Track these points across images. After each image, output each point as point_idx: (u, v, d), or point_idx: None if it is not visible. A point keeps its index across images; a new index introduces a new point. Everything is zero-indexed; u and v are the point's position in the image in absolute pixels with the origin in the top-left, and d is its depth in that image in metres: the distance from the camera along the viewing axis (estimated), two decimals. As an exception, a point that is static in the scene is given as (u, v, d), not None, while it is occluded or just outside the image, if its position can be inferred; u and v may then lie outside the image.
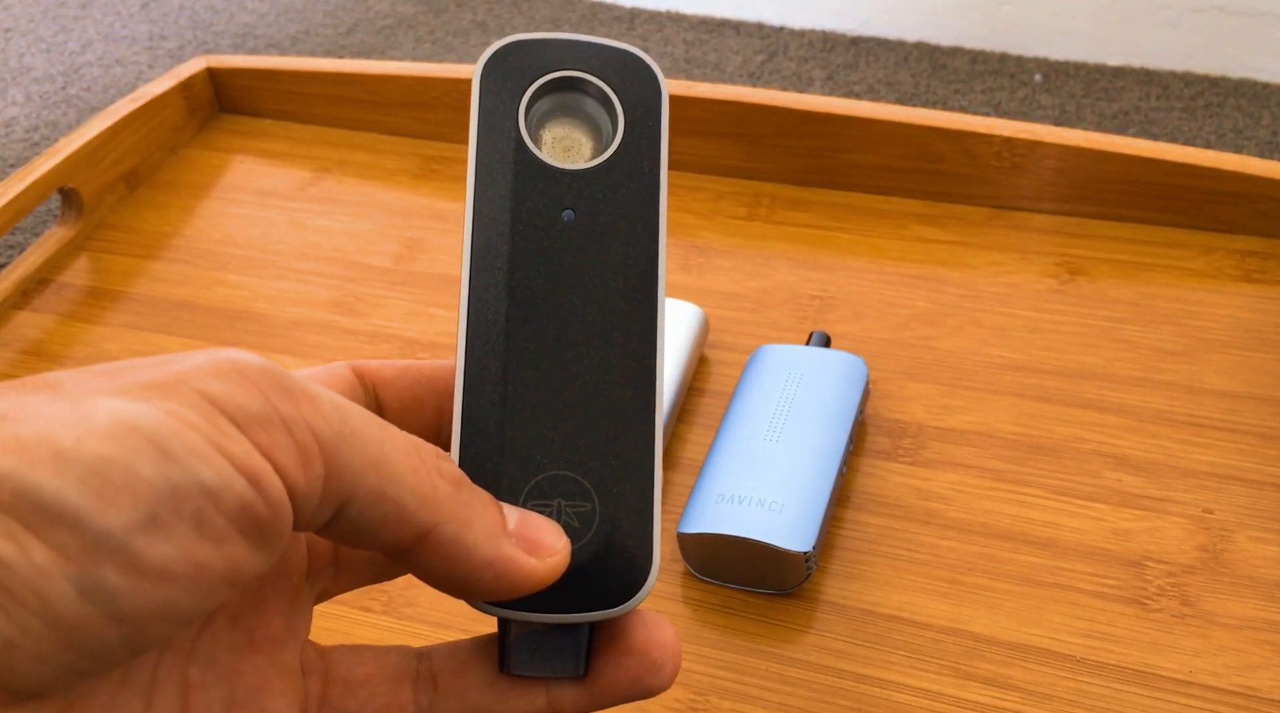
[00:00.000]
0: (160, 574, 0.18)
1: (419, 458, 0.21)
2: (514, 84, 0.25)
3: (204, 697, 0.22)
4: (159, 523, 0.18)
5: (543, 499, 0.24)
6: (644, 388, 0.25)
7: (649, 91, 0.26)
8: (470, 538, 0.22)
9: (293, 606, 0.24)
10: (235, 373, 0.19)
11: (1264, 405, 0.47)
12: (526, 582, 0.22)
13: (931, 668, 0.39)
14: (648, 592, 0.24)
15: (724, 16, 0.95)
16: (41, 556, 0.17)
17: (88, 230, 0.61)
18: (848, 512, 0.44)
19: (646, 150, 0.26)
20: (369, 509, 0.20)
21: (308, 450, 0.19)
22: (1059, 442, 0.46)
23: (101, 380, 0.19)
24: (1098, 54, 0.88)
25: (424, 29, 0.95)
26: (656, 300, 0.25)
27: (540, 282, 0.25)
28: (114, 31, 0.95)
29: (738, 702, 0.38)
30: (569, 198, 0.25)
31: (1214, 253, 0.55)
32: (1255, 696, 0.38)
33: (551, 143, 0.26)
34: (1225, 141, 0.77)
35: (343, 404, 0.20)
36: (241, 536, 0.19)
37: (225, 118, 0.70)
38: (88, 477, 0.17)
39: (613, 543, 0.24)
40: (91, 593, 0.17)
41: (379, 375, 0.26)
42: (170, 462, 0.18)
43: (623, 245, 0.25)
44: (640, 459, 0.24)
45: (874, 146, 0.59)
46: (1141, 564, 0.42)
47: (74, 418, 0.18)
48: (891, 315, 0.53)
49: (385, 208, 0.62)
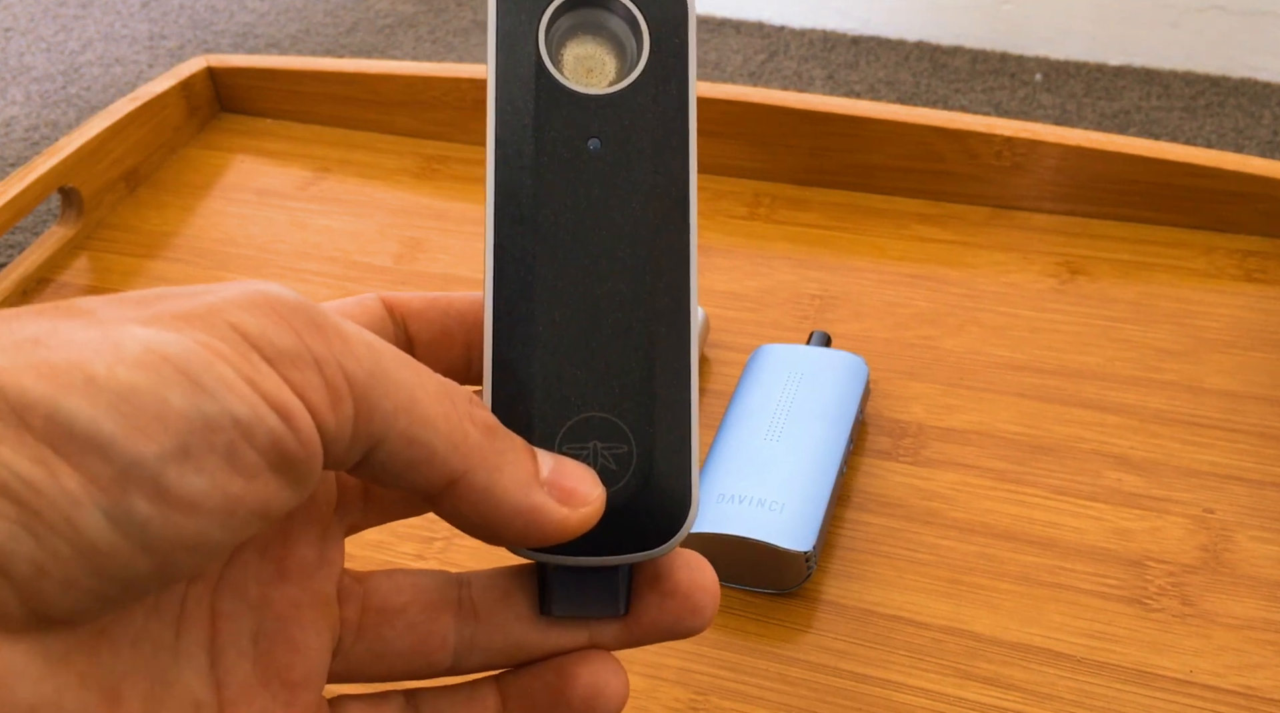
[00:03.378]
0: (191, 506, 0.18)
1: (451, 403, 0.21)
2: (532, 3, 0.24)
3: (232, 626, 0.22)
4: (190, 454, 0.17)
5: (578, 442, 0.23)
6: (678, 324, 0.24)
7: (675, 7, 0.25)
8: (501, 486, 0.21)
9: (323, 537, 0.24)
10: (268, 306, 0.19)
11: (1264, 405, 0.47)
12: (558, 531, 0.22)
13: (932, 668, 0.39)
14: (687, 532, 0.24)
15: (724, 16, 0.95)
16: (72, 482, 0.17)
17: (88, 230, 0.61)
18: (848, 511, 0.44)
19: (674, 70, 0.24)
20: (399, 452, 0.20)
21: (338, 390, 0.19)
22: (1059, 441, 0.46)
23: (133, 309, 0.19)
24: (1098, 53, 0.88)
25: (424, 28, 0.95)
26: (689, 232, 0.24)
27: (567, 215, 0.24)
28: (114, 31, 0.95)
29: (738, 702, 0.38)
30: (594, 125, 0.24)
31: (1215, 252, 0.55)
32: (1256, 695, 0.38)
33: (574, 63, 0.25)
34: (1226, 141, 0.77)
35: (376, 344, 0.20)
36: (272, 471, 0.18)
37: (225, 117, 0.70)
38: (119, 405, 0.17)
39: (650, 484, 0.23)
40: (121, 521, 0.17)
41: (408, 307, 0.25)
42: (202, 393, 0.18)
43: (651, 174, 0.24)
44: (676, 398, 0.24)
45: (875, 146, 0.59)
46: (1142, 564, 0.42)
47: (106, 345, 0.17)
48: (892, 315, 0.53)
49: (386, 207, 0.62)
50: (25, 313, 0.18)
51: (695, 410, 0.24)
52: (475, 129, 0.66)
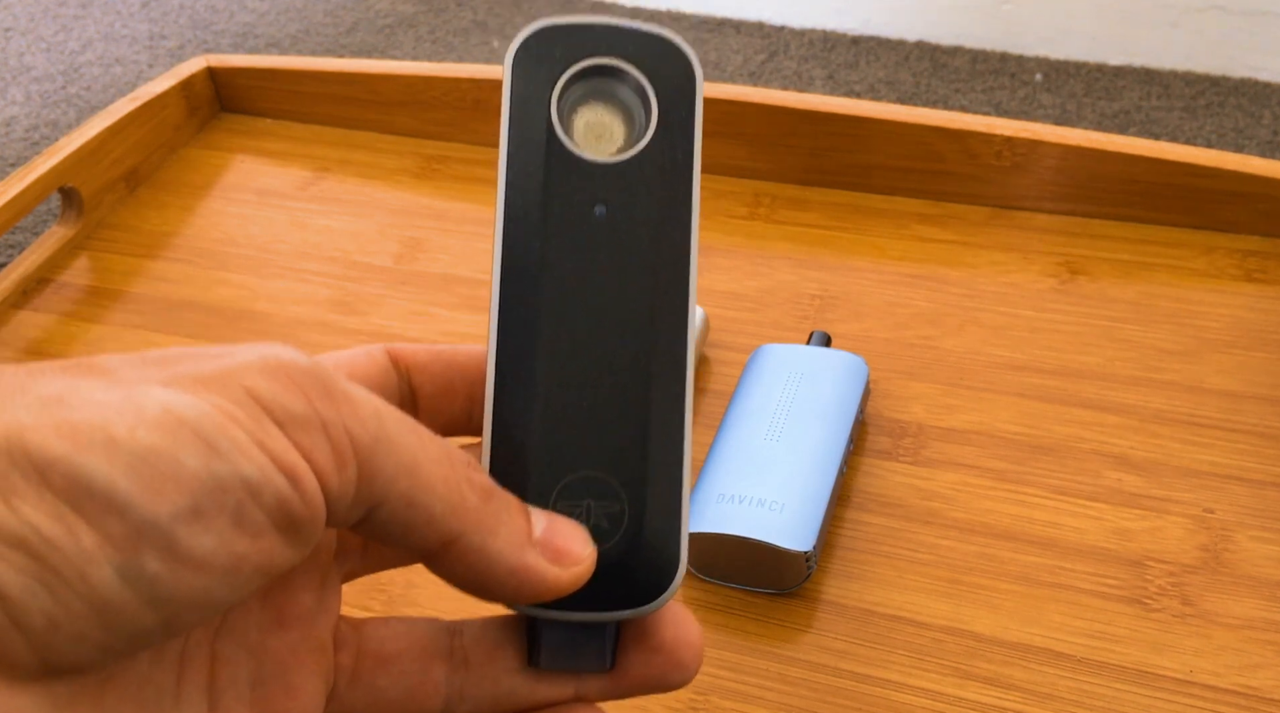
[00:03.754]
0: (199, 564, 0.18)
1: (450, 466, 0.22)
2: (546, 72, 0.25)
3: (231, 671, 0.23)
4: (201, 514, 0.18)
5: (573, 500, 0.24)
6: (675, 387, 0.25)
7: (684, 80, 0.26)
8: (495, 546, 0.22)
9: (322, 585, 0.24)
10: (281, 372, 0.20)
11: (1265, 405, 0.47)
12: (549, 590, 0.23)
13: (932, 668, 0.39)
14: (674, 591, 0.24)
15: (724, 16, 0.95)
16: (89, 540, 0.17)
17: (88, 230, 0.61)
18: (848, 511, 0.44)
19: (680, 142, 0.25)
20: (398, 514, 0.21)
21: (343, 453, 0.20)
22: (1059, 441, 0.46)
23: (153, 369, 0.20)
24: (1098, 53, 0.88)
25: (424, 28, 0.95)
26: (688, 299, 0.25)
27: (571, 279, 0.25)
28: (114, 31, 0.95)
29: (738, 702, 0.38)
30: (601, 193, 0.25)
31: (1215, 252, 0.55)
32: (1256, 695, 0.38)
33: (584, 129, 0.25)
34: (1226, 141, 0.77)
35: (382, 409, 0.21)
36: (277, 530, 0.19)
37: (225, 117, 0.70)
38: (137, 466, 0.18)
39: (641, 543, 0.24)
40: (133, 578, 0.18)
41: (413, 360, 0.26)
42: (215, 455, 0.18)
43: (654, 242, 0.25)
44: (670, 460, 0.25)
45: (875, 146, 0.59)
46: (1142, 564, 0.42)
47: (127, 406, 0.18)
48: (892, 315, 0.53)
49: (385, 207, 0.62)
50: (49, 370, 0.19)
51: (688, 473, 0.25)
52: (475, 129, 0.66)
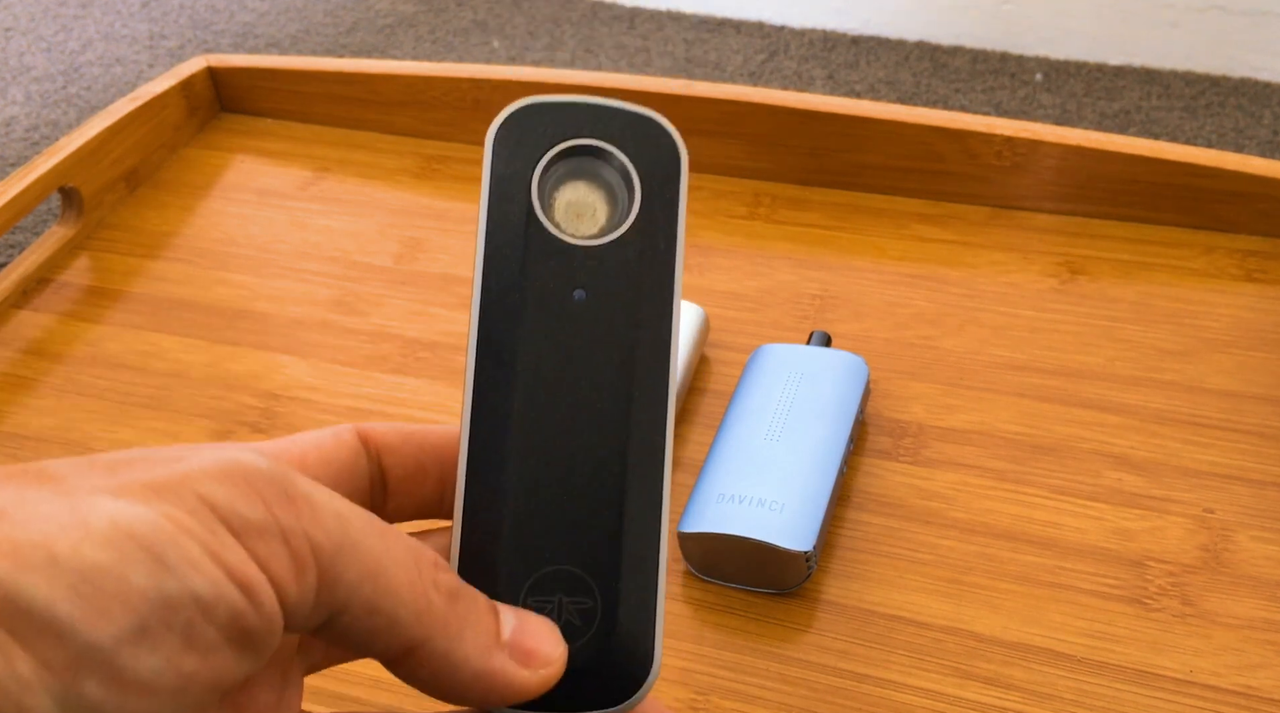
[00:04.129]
0: (144, 687, 0.17)
1: (416, 570, 0.21)
2: (527, 152, 0.24)
3: None
4: (147, 634, 0.17)
5: (544, 595, 0.23)
6: (652, 480, 0.24)
7: (668, 160, 0.25)
8: (461, 652, 0.21)
9: (283, 681, 0.24)
10: (240, 477, 0.19)
11: (1265, 405, 0.47)
12: (517, 694, 0.22)
13: (932, 668, 0.39)
14: (648, 690, 0.24)
15: (724, 16, 0.95)
16: (25, 667, 0.16)
17: (88, 229, 0.61)
18: (848, 511, 0.44)
19: (663, 225, 0.25)
20: (361, 620, 0.20)
21: (303, 561, 0.19)
22: (1060, 441, 0.46)
23: (102, 476, 0.19)
24: (1099, 53, 0.88)
25: (424, 28, 0.95)
26: (667, 386, 0.24)
27: (548, 365, 0.24)
28: (114, 31, 0.95)
29: (738, 701, 0.38)
30: (581, 276, 0.24)
31: (1215, 252, 0.55)
32: (1256, 695, 0.38)
33: (565, 208, 0.25)
34: (1226, 141, 0.77)
35: (345, 511, 0.20)
36: (230, 644, 0.19)
37: (225, 117, 0.70)
38: (80, 585, 0.17)
39: (614, 641, 0.23)
40: (73, 706, 0.17)
41: (383, 441, 0.25)
42: (165, 571, 0.18)
43: (634, 328, 0.24)
44: (645, 555, 0.24)
45: (875, 146, 0.59)
46: (1142, 564, 0.42)
47: (72, 520, 0.17)
48: (892, 315, 0.53)
49: (385, 207, 0.62)
50: None
51: (663, 570, 0.24)
52: (475, 129, 0.66)
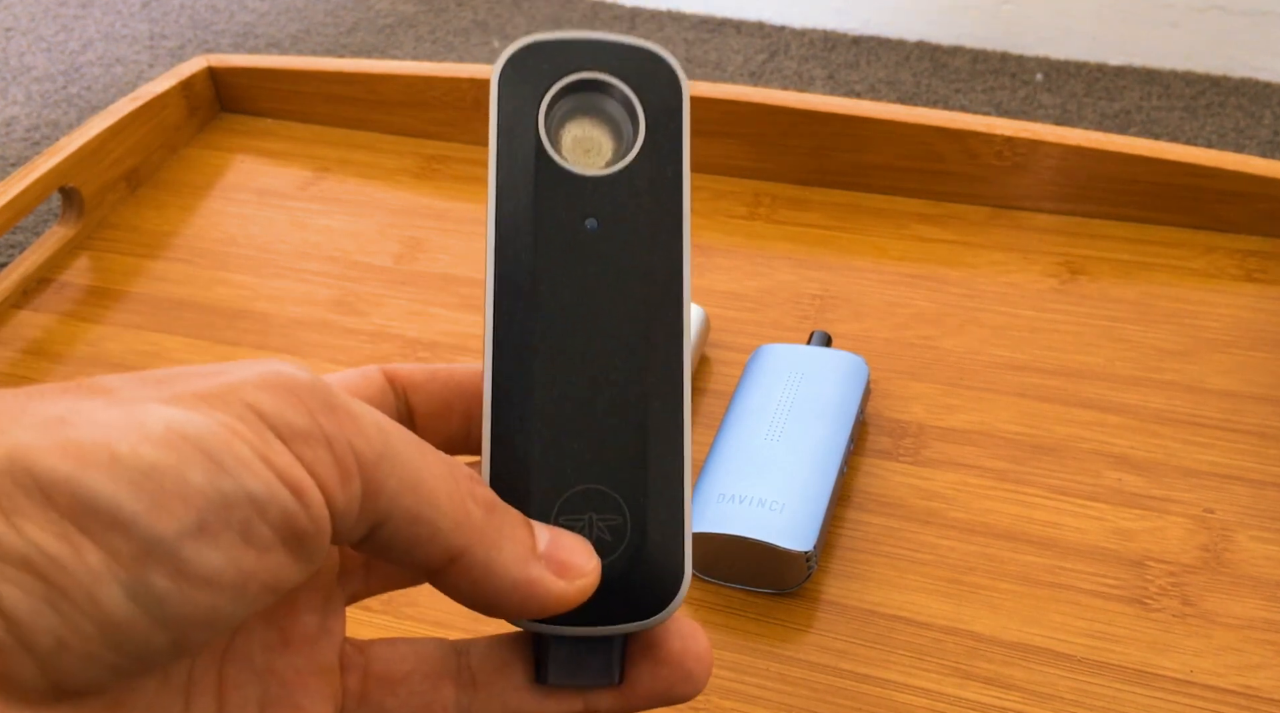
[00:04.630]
0: (206, 581, 0.18)
1: (454, 482, 0.22)
2: (532, 88, 0.25)
3: (239, 694, 0.22)
4: (207, 530, 0.18)
5: (574, 514, 0.24)
6: (672, 398, 0.25)
7: (670, 92, 0.25)
8: (500, 561, 0.22)
9: (325, 606, 0.24)
10: (283, 388, 0.20)
11: (1265, 405, 0.47)
12: (555, 604, 0.22)
13: (932, 668, 0.39)
14: (680, 602, 0.24)
15: (725, 16, 0.95)
16: (95, 558, 0.17)
17: (88, 229, 0.61)
18: (848, 511, 0.44)
19: (668, 153, 0.25)
20: (403, 529, 0.21)
21: (348, 468, 0.20)
22: (1060, 441, 0.46)
23: (153, 388, 0.19)
24: (1099, 53, 0.88)
25: (424, 28, 0.95)
26: (682, 308, 0.25)
27: (565, 293, 0.25)
28: (114, 31, 0.95)
29: (739, 701, 0.38)
30: (591, 206, 0.25)
31: (1215, 252, 0.55)
32: (1256, 695, 0.38)
33: (572, 144, 0.25)
34: (1226, 141, 0.77)
35: (385, 424, 0.21)
36: (283, 546, 0.19)
37: (226, 117, 0.70)
38: (141, 483, 0.17)
39: (644, 555, 0.24)
40: (141, 597, 0.18)
41: (409, 380, 0.26)
42: (220, 471, 0.18)
43: (646, 254, 0.25)
44: (670, 471, 0.24)
45: (875, 146, 0.59)
46: (1142, 564, 0.42)
47: (129, 424, 0.18)
48: (892, 315, 0.53)
49: (386, 207, 0.62)
50: (50, 391, 0.19)
51: (689, 483, 0.25)
52: (475, 129, 0.66)
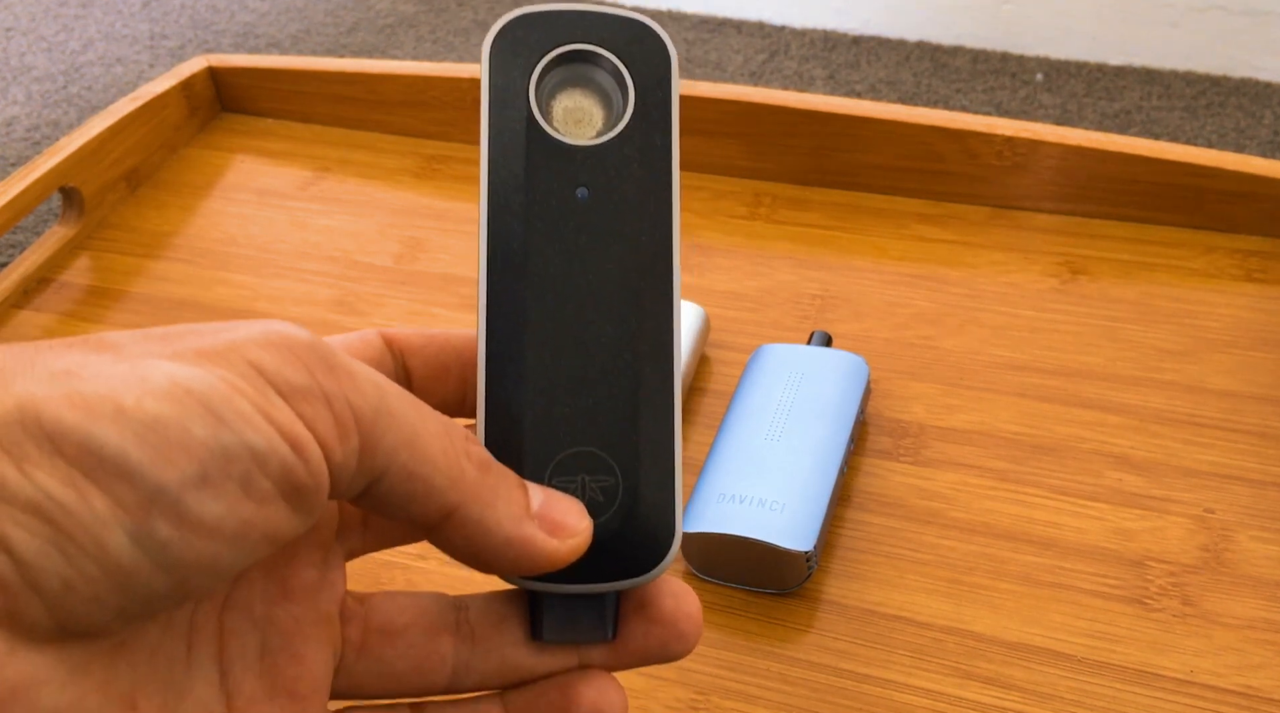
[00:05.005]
0: (208, 530, 0.19)
1: (449, 440, 0.22)
2: (523, 60, 0.26)
3: (239, 641, 0.23)
4: (209, 481, 0.19)
5: (567, 475, 0.25)
6: (662, 362, 0.25)
7: (659, 62, 0.26)
8: (493, 518, 0.23)
9: (325, 560, 0.25)
10: (283, 345, 0.20)
11: (1265, 405, 0.47)
12: (548, 562, 0.23)
13: (933, 668, 0.39)
14: (671, 561, 0.25)
15: (725, 15, 0.95)
16: (101, 505, 0.18)
17: (89, 229, 0.61)
18: (849, 511, 0.44)
19: (658, 123, 0.26)
20: (399, 485, 0.21)
21: (346, 424, 0.20)
22: (1060, 441, 0.46)
23: (158, 344, 0.20)
24: (1099, 53, 0.88)
25: (425, 28, 0.95)
26: (672, 275, 0.26)
27: (557, 261, 0.25)
28: (115, 30, 0.95)
29: (739, 701, 0.38)
30: (582, 175, 0.25)
31: (1215, 252, 0.55)
32: (1257, 695, 0.38)
33: (563, 114, 0.26)
34: (1227, 141, 0.77)
35: (382, 382, 0.21)
36: (283, 498, 0.20)
37: (226, 117, 0.70)
38: (146, 434, 0.18)
39: (636, 515, 0.25)
40: (144, 543, 0.18)
41: (407, 343, 0.27)
42: (222, 424, 0.19)
43: (636, 222, 0.25)
44: (661, 433, 0.25)
45: (875, 146, 0.59)
46: (1143, 564, 0.42)
47: (134, 378, 0.19)
48: (893, 315, 0.53)
49: (386, 207, 0.62)
50: (58, 346, 0.20)
51: (678, 445, 0.25)
52: (475, 129, 0.66)
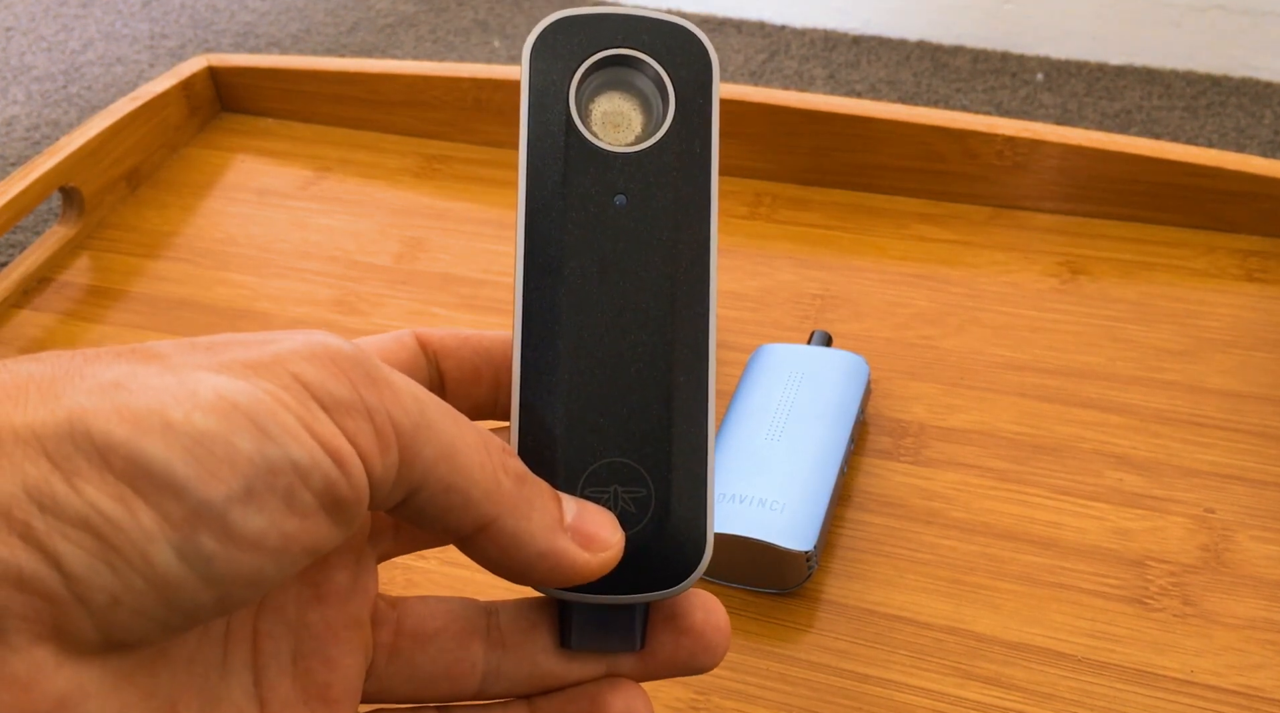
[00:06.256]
0: (251, 544, 0.19)
1: (486, 453, 0.22)
2: (563, 64, 0.25)
3: (273, 645, 0.23)
4: (254, 495, 0.19)
5: (600, 486, 0.25)
6: (697, 373, 0.25)
7: (700, 68, 0.26)
8: (528, 531, 0.23)
9: (357, 564, 0.25)
10: (327, 359, 0.21)
11: (1266, 405, 0.47)
12: (580, 574, 0.23)
13: (933, 668, 0.39)
14: (701, 573, 0.25)
15: (725, 15, 0.95)
16: (148, 520, 0.18)
17: (89, 229, 0.61)
18: (849, 511, 0.44)
19: (698, 130, 0.25)
20: (437, 497, 0.22)
21: (386, 438, 0.21)
22: (1061, 441, 0.46)
23: (204, 355, 0.20)
24: (1100, 53, 0.88)
25: (425, 28, 0.95)
26: (709, 285, 0.25)
27: (593, 268, 0.25)
28: (115, 30, 0.95)
29: (739, 701, 0.38)
30: (620, 182, 0.25)
31: (1216, 252, 0.55)
32: (1257, 695, 0.38)
33: (601, 119, 0.26)
34: (1227, 140, 0.77)
35: (422, 395, 0.22)
36: (324, 512, 0.20)
37: (226, 117, 0.70)
38: (193, 449, 0.18)
39: (667, 527, 0.25)
40: (190, 557, 0.18)
41: (441, 345, 0.27)
42: (267, 439, 0.19)
43: (674, 230, 0.25)
44: (694, 445, 0.25)
45: (876, 146, 0.59)
46: (1143, 564, 0.42)
47: (182, 391, 0.19)
48: (893, 315, 0.53)
49: (386, 207, 0.62)
50: (105, 355, 0.20)
51: (712, 457, 0.25)
52: (476, 129, 0.66)
